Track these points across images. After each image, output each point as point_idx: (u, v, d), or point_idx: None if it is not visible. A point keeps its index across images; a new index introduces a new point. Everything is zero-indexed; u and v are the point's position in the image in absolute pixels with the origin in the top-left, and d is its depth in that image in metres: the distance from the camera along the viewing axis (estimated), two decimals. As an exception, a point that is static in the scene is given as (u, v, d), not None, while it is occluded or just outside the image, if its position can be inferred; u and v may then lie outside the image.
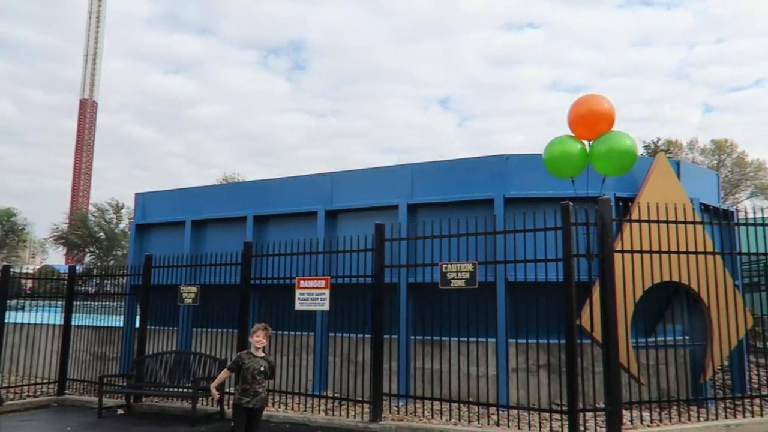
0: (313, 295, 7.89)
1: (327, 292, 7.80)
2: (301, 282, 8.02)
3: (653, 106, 73.63)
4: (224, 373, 5.78)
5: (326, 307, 7.82)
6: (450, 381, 7.52)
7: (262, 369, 5.43)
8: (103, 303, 10.72)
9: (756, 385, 9.06)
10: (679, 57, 73.50)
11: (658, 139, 47.86)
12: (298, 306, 8.02)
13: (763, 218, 7.35)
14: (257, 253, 8.80)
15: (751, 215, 7.57)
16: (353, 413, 7.63)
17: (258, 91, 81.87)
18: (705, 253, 7.25)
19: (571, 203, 6.46)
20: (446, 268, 7.03)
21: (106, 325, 10.64)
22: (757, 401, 7.45)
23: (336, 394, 8.24)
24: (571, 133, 6.98)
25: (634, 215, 7.23)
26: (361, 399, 7.69)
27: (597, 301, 6.61)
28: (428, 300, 8.01)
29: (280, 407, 8.16)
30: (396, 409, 7.83)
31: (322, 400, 8.09)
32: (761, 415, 7.02)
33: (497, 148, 76.21)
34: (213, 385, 5.91)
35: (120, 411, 8.83)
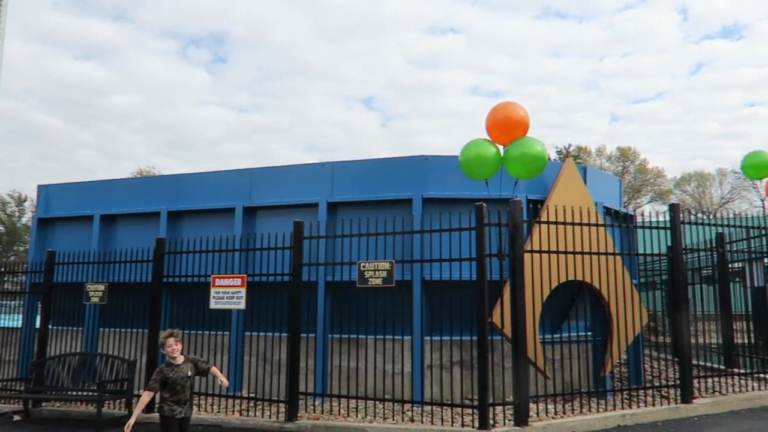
0: (228, 294, 7.74)
1: (243, 290, 7.67)
2: (217, 280, 7.84)
3: (566, 114, 77.48)
4: (146, 397, 5.03)
5: (242, 305, 7.69)
6: (366, 378, 7.60)
7: (189, 374, 5.08)
8: (1, 302, 10.00)
9: (650, 377, 9.77)
10: (590, 68, 77.73)
11: (570, 145, 50.40)
12: (213, 305, 7.83)
13: (657, 222, 7.92)
14: (170, 250, 8.52)
15: (648, 219, 8.14)
16: (269, 413, 7.54)
17: (176, 82, 78.87)
18: (607, 253, 7.73)
19: (484, 204, 6.70)
20: (364, 266, 7.09)
21: (2, 325, 9.93)
22: (650, 392, 8.02)
23: (251, 394, 8.11)
24: (487, 137, 7.24)
25: (543, 217, 7.59)
26: (276, 399, 7.62)
27: (508, 299, 6.90)
28: (346, 298, 8.05)
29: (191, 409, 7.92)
30: (312, 408, 7.81)
31: (237, 401, 7.94)
32: (653, 405, 7.57)
33: (419, 148, 77.64)
34: (132, 421, 4.93)
35: (17, 417, 8.28)
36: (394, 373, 7.64)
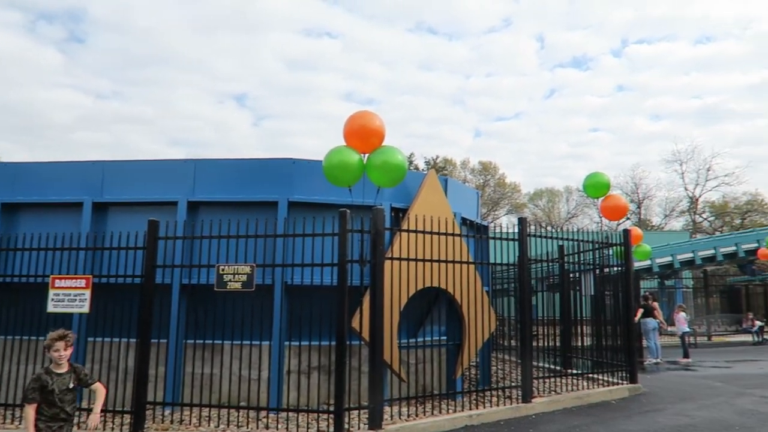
0: (70, 296, 7.09)
1: (87, 292, 7.07)
2: (57, 281, 7.15)
3: (434, 126, 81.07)
4: (30, 413, 4.26)
5: (85, 309, 7.08)
6: (221, 385, 7.33)
7: (71, 386, 4.43)
8: None
9: (498, 379, 10.45)
10: (457, 84, 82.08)
11: (437, 157, 52.64)
12: (51, 308, 7.13)
13: (508, 233, 8.51)
14: (2, 247, 7.64)
15: (501, 231, 8.73)
16: (112, 425, 7.01)
17: (22, 59, 70.29)
18: (461, 262, 8.16)
19: (348, 211, 6.78)
20: (223, 269, 6.86)
21: None
22: (496, 393, 8.58)
23: (92, 406, 7.47)
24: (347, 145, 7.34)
25: (405, 226, 7.84)
26: (122, 409, 7.10)
27: (368, 304, 7.03)
28: (204, 302, 7.73)
29: (22, 423, 7.15)
30: (162, 418, 7.38)
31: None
32: (497, 405, 8.10)
33: (293, 149, 76.86)
34: None
35: None
36: (251, 379, 7.45)
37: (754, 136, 73.55)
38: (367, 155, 7.20)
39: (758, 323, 20.58)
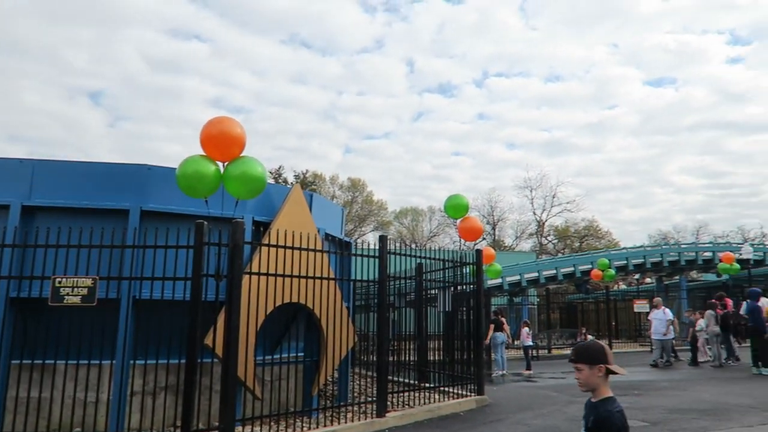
0: None
1: None
2: None
3: (304, 140, 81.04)
4: None
5: None
6: (52, 410, 6.64)
7: None
8: None
9: (355, 394, 10.54)
10: (329, 100, 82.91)
11: (307, 171, 52.52)
12: None
13: (370, 251, 8.69)
14: None
15: (364, 248, 8.88)
16: None
17: None
18: (322, 278, 8.16)
19: (205, 222, 6.51)
20: (60, 282, 6.25)
21: None
22: (353, 408, 8.64)
23: None
24: (204, 153, 7.01)
25: (267, 240, 7.69)
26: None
27: (223, 320, 6.77)
28: (37, 318, 6.97)
29: None
30: (-24, 449, 6.51)
31: None
32: (353, 420, 8.15)
33: (153, 155, 72.66)
34: None
35: None
36: (88, 402, 6.82)
37: (591, 169, 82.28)
38: (224, 165, 6.91)
39: (590, 337, 22.79)
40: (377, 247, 8.73)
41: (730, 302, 16.61)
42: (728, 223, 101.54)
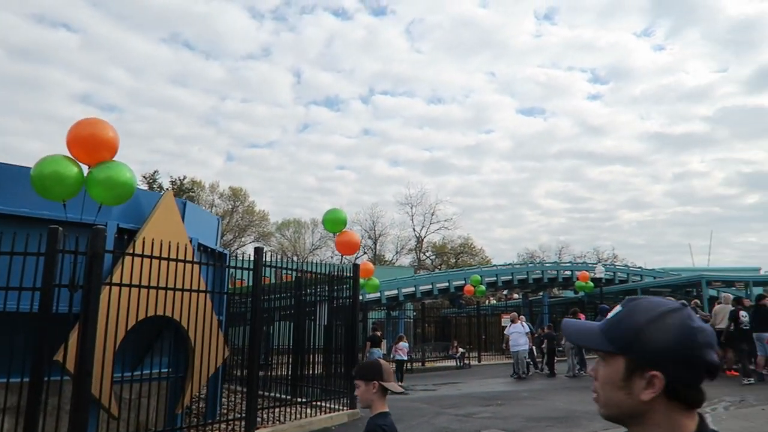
0: None
1: None
2: None
3: (183, 144, 77.63)
4: None
5: None
6: None
7: None
8: None
9: (225, 411, 10.14)
10: (211, 104, 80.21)
11: (185, 177, 50.23)
12: None
13: (247, 262, 8.46)
14: None
15: (240, 259, 8.63)
16: None
17: None
18: (191, 290, 7.80)
19: (60, 228, 5.99)
20: None
21: None
22: (221, 426, 8.31)
23: None
24: (68, 154, 6.51)
25: (132, 249, 7.23)
26: None
27: (77, 334, 6.24)
28: None
29: None
30: None
31: None
32: (219, 438, 7.85)
33: (9, 151, 65.86)
34: None
35: None
36: None
37: (468, 189, 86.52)
38: (88, 168, 6.44)
39: (461, 350, 23.80)
40: (253, 259, 8.54)
41: (583, 317, 18.13)
42: (586, 244, 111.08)
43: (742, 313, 13.51)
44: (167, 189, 43.41)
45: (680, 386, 1.13)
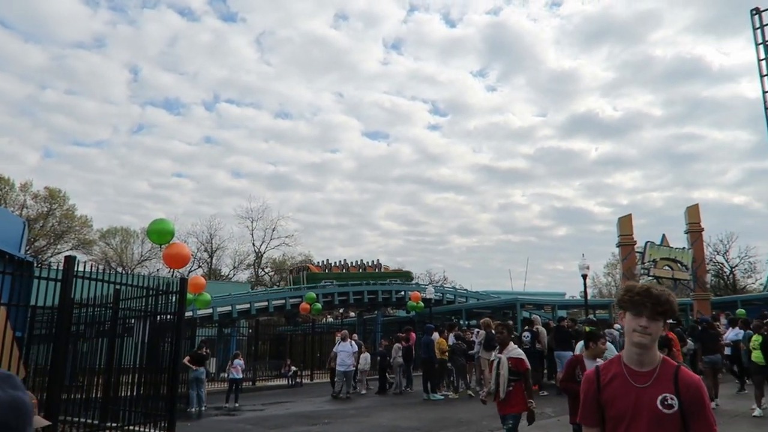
0: None
1: None
2: None
3: (-11, 135, 68.58)
4: None
5: None
6: None
7: None
8: None
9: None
10: (28, 92, 71.97)
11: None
12: None
13: (55, 272, 7.59)
14: None
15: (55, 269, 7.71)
16: None
17: None
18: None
19: None
20: None
21: None
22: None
23: None
24: None
25: None
26: None
27: None
28: None
29: None
30: None
31: None
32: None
33: None
34: None
35: None
36: None
37: (311, 206, 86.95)
38: None
39: (293, 368, 23.55)
40: (62, 269, 7.70)
41: (414, 336, 18.92)
42: (420, 266, 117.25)
43: (525, 334, 15.25)
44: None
45: None
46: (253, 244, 58.29)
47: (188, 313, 21.71)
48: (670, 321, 15.66)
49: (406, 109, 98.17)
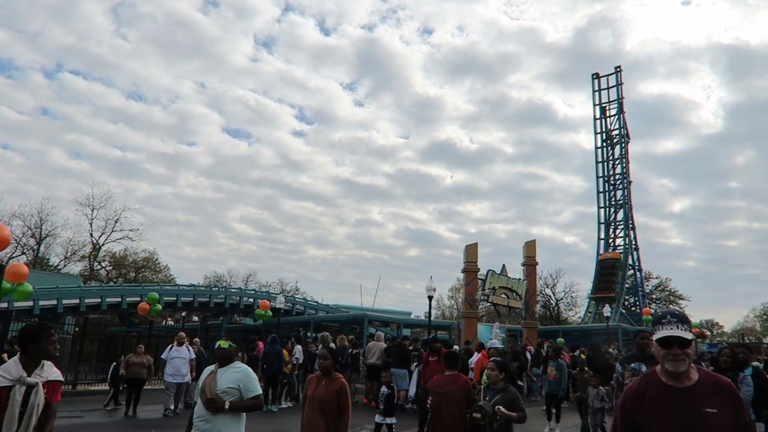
0: None
1: None
2: None
3: None
4: None
5: None
6: None
7: None
8: None
9: None
10: None
11: None
12: None
13: None
14: None
15: None
16: None
17: None
18: None
19: None
20: None
21: None
22: None
23: None
24: None
25: None
26: None
27: None
28: None
29: None
30: None
31: None
32: None
33: None
34: None
35: None
36: None
37: (160, 200, 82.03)
38: None
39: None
40: None
41: (262, 345, 18.41)
42: (273, 273, 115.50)
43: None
44: None
45: None
46: (91, 235, 53.24)
47: (2, 304, 19.28)
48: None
49: (271, 110, 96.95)
